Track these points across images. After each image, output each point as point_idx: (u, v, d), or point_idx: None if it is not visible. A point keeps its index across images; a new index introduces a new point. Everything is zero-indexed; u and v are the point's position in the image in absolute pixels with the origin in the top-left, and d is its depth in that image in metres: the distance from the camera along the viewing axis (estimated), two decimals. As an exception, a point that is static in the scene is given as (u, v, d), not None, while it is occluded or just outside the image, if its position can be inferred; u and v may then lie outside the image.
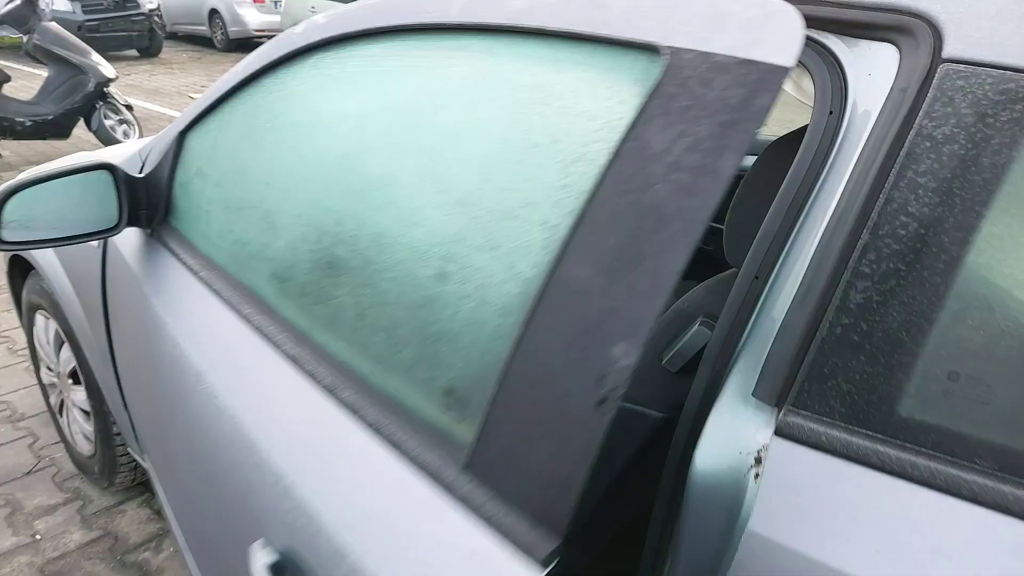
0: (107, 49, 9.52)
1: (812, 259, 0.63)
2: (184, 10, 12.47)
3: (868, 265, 0.59)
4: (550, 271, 0.59)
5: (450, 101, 0.79)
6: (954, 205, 0.57)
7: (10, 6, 4.83)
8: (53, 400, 2.05)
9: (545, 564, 0.54)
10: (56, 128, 5.05)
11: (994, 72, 0.57)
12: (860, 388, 0.59)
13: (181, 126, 1.26)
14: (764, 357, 0.64)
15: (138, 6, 10.16)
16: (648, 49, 0.61)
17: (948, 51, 0.60)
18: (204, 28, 12.16)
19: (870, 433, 0.58)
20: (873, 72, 0.65)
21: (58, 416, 2.06)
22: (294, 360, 0.83)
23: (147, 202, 1.26)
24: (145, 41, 10.47)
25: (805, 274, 0.63)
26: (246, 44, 12.01)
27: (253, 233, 1.01)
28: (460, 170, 0.74)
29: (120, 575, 1.69)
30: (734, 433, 0.62)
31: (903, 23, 0.62)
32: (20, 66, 8.88)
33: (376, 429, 0.71)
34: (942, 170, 0.58)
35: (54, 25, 5.03)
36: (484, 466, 0.60)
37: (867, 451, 0.58)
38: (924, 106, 0.59)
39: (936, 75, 0.60)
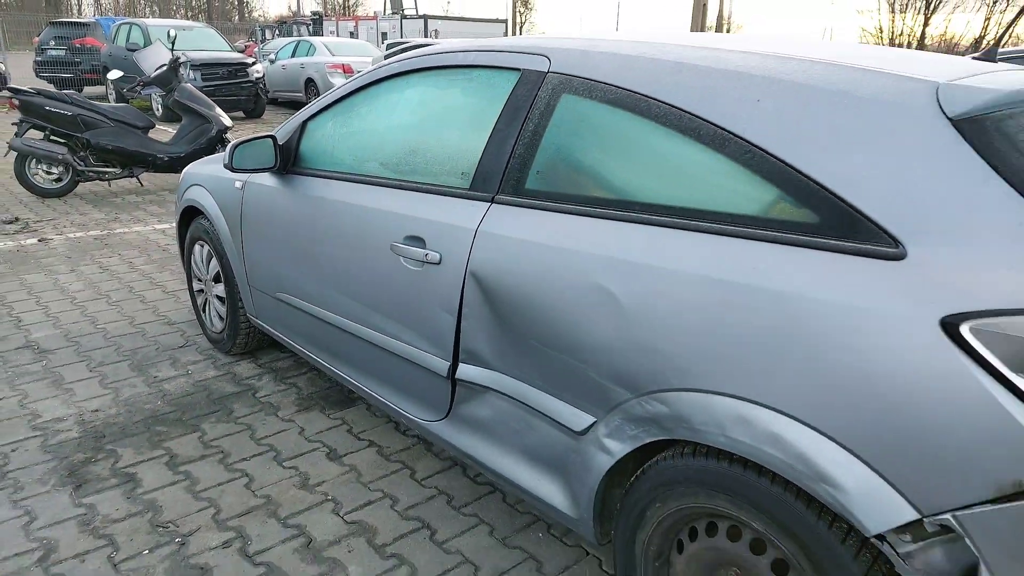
0: (220, 109, 11.37)
1: (509, 140, 1.76)
2: (285, 79, 14.52)
3: (521, 140, 1.73)
4: (490, 144, 1.80)
5: (483, 91, 1.93)
6: (538, 120, 1.71)
7: (159, 71, 6.46)
8: (200, 301, 3.30)
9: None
10: (185, 163, 6.58)
11: (562, 75, 1.71)
12: (517, 179, 1.72)
13: (303, 118, 2.47)
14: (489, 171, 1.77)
15: (247, 76, 12.11)
16: (509, 69, 1.81)
17: (552, 68, 1.74)
18: (300, 95, 14.13)
19: (520, 197, 1.71)
20: (531, 75, 1.79)
21: (201, 313, 3.31)
22: (454, 195, 1.93)
23: (282, 155, 2.48)
24: (251, 104, 12.40)
25: (506, 146, 1.77)
26: (333, 106, 13.84)
27: (369, 154, 2.18)
28: (457, 123, 1.94)
29: (236, 387, 2.88)
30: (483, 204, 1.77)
31: (540, 60, 1.78)
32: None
33: (442, 193, 1.88)
34: (538, 109, 1.72)
35: (190, 86, 6.64)
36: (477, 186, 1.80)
37: (517, 202, 1.71)
38: (541, 87, 1.74)
39: (546, 77, 1.74)
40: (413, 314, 1.96)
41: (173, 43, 6.48)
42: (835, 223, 1.24)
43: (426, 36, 30.08)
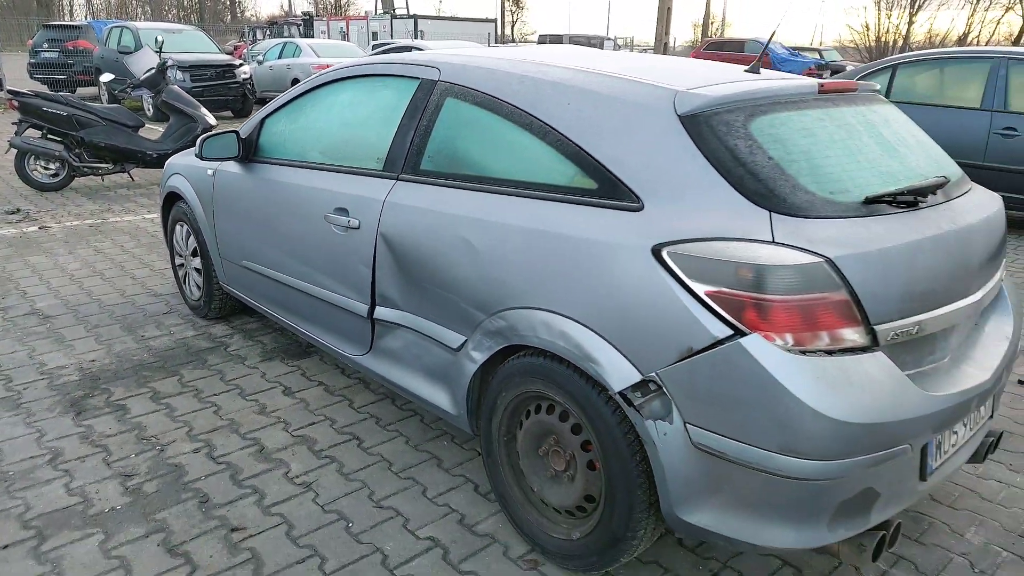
0: (208, 110, 11.91)
1: (410, 132, 2.31)
2: (271, 79, 15.00)
3: (418, 132, 2.28)
4: (397, 135, 2.38)
5: (395, 94, 2.48)
6: (430, 117, 2.26)
7: (148, 74, 6.98)
8: (181, 274, 3.84)
9: None
10: (173, 159, 7.11)
11: (448, 83, 2.26)
12: (415, 162, 2.27)
13: (262, 116, 3.02)
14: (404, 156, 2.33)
15: (235, 76, 12.62)
16: (412, 77, 2.38)
17: (441, 77, 2.29)
18: (285, 93, 14.61)
19: (416, 176, 2.25)
20: (427, 84, 2.34)
21: (182, 284, 3.85)
22: (371, 175, 2.46)
23: (244, 146, 3.02)
24: (239, 104, 12.90)
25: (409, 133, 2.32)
26: (318, 106, 14.37)
27: (311, 145, 2.71)
28: (375, 119, 2.48)
29: (210, 344, 3.42)
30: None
31: (432, 71, 2.33)
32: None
33: (362, 174, 2.43)
34: (431, 109, 2.26)
35: (176, 87, 7.17)
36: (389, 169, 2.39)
37: (414, 179, 2.26)
38: (433, 92, 2.29)
39: (437, 84, 2.29)
40: (341, 269, 2.51)
41: (160, 48, 7.01)
42: (606, 188, 1.79)
43: (415, 36, 30.56)
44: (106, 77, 7.14)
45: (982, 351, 1.94)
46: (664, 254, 1.61)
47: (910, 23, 40.27)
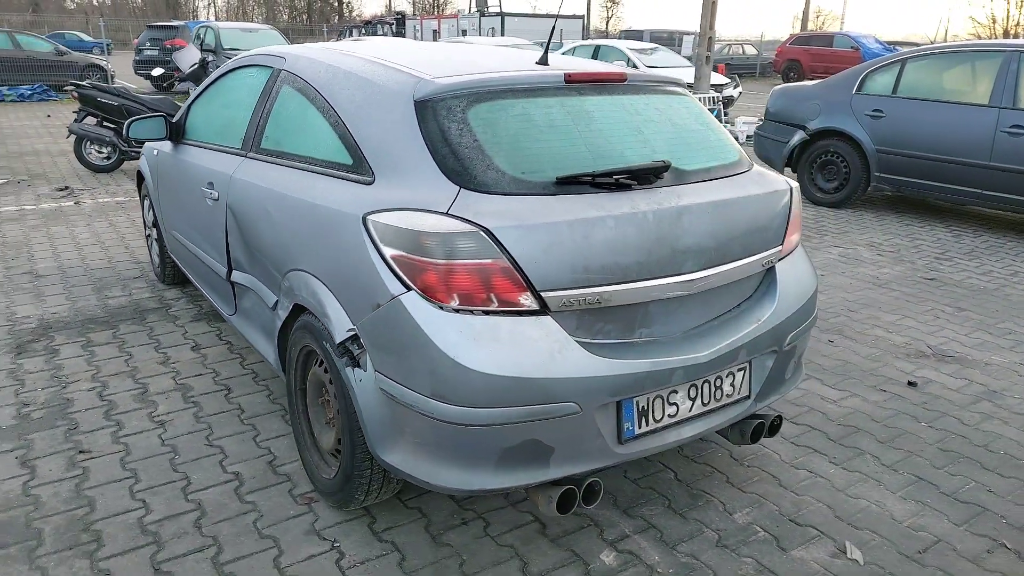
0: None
1: (260, 114, 2.59)
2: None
3: (264, 114, 2.56)
4: (252, 117, 2.66)
5: (258, 81, 2.81)
6: (272, 101, 2.54)
7: (191, 69, 7.65)
8: (148, 244, 4.31)
9: None
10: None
11: (286, 72, 2.53)
12: (259, 141, 2.55)
13: (189, 102, 3.40)
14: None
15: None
16: (268, 67, 2.68)
17: (284, 67, 2.56)
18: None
19: (257, 153, 2.53)
20: (276, 72, 2.61)
21: (150, 252, 4.31)
22: (232, 153, 2.83)
23: (173, 130, 3.40)
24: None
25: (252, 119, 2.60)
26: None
27: (206, 126, 3.07)
28: (244, 103, 2.79)
29: (157, 304, 3.85)
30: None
31: (280, 61, 2.60)
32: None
33: (228, 152, 2.78)
34: (274, 94, 2.54)
35: (217, 81, 7.82)
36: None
37: (255, 157, 2.54)
38: (277, 79, 2.56)
39: (280, 72, 2.56)
40: (212, 236, 2.83)
41: (202, 44, 7.67)
42: (356, 164, 2.01)
43: (502, 33, 31.05)
44: (157, 71, 7.91)
45: (721, 330, 2.02)
46: (368, 221, 1.82)
47: (1038, 14, 37.01)
